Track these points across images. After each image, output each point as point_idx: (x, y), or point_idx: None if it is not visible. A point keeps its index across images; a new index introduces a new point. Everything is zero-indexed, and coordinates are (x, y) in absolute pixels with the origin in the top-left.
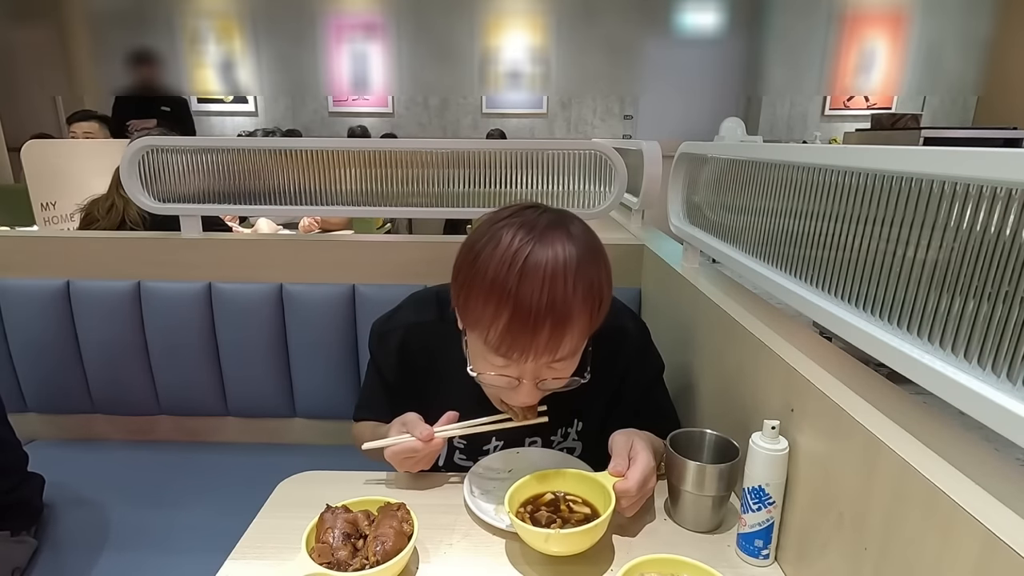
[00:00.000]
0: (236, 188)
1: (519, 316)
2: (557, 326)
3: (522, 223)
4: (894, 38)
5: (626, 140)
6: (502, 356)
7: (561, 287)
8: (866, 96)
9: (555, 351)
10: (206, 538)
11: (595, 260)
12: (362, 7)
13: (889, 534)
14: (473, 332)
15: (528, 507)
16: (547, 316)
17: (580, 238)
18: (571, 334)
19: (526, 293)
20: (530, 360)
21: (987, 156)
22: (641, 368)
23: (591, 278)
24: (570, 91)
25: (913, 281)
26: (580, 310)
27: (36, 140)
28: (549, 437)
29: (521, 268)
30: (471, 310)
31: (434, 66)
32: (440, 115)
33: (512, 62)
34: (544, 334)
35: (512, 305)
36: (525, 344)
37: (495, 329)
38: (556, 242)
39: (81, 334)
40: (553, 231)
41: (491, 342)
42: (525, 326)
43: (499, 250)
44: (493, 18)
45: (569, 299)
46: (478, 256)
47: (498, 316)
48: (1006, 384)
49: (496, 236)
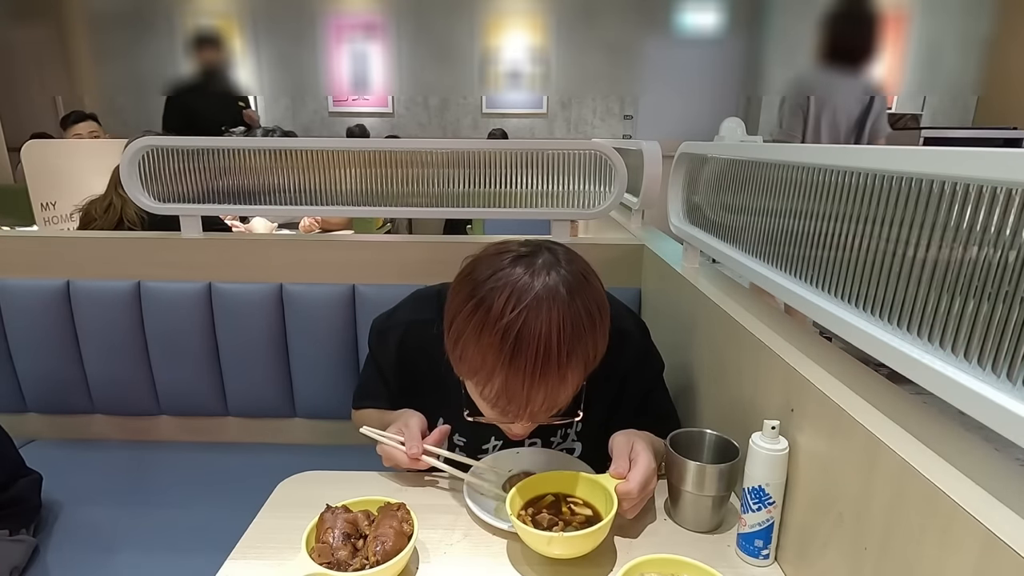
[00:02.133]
0: (236, 188)
1: (513, 382)
2: (552, 388)
3: (516, 281)
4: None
5: (626, 140)
6: (498, 411)
7: (555, 356)
8: None
9: (551, 406)
10: (206, 538)
11: (589, 315)
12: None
13: (889, 534)
14: (469, 382)
15: (529, 509)
16: (542, 381)
17: (575, 291)
18: (565, 391)
19: (519, 363)
20: (525, 415)
21: (987, 156)
22: (642, 369)
23: (584, 340)
24: (570, 91)
25: (913, 281)
26: (574, 371)
27: (36, 140)
28: (549, 438)
29: (515, 338)
30: (465, 365)
31: (434, 66)
32: (440, 115)
33: (512, 62)
34: (540, 395)
35: (506, 372)
36: (519, 405)
37: (490, 388)
38: (550, 307)
39: (81, 334)
40: (546, 288)
41: (487, 398)
42: (519, 390)
43: (492, 313)
44: (493, 18)
45: (563, 366)
46: (472, 314)
47: (493, 379)
48: (1006, 384)
49: (490, 296)
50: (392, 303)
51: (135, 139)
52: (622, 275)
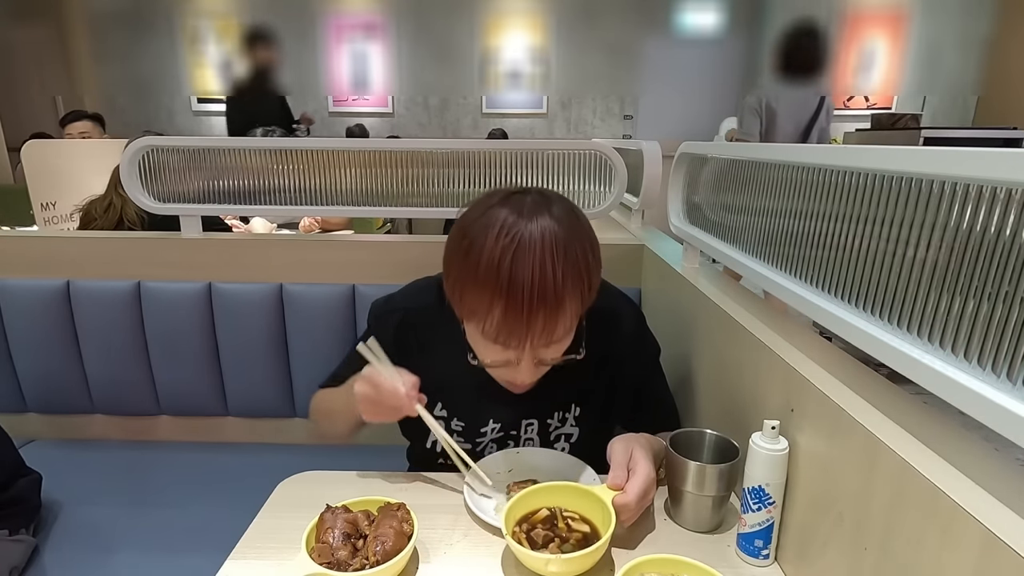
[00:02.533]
0: (236, 188)
1: (512, 311)
2: (550, 314)
3: (508, 215)
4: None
5: (626, 140)
6: (500, 345)
7: (551, 279)
8: (866, 96)
9: (550, 336)
10: (206, 538)
11: (581, 244)
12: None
13: (889, 534)
14: (470, 323)
15: (523, 525)
16: (539, 307)
17: (564, 222)
18: (563, 318)
19: (516, 288)
20: (527, 348)
21: (987, 156)
22: (637, 353)
23: (578, 265)
24: (570, 91)
25: (913, 281)
26: (571, 296)
27: (36, 140)
28: (546, 420)
29: (510, 265)
30: (466, 303)
31: (434, 66)
32: (440, 115)
33: (512, 62)
34: (538, 323)
35: (504, 302)
36: (520, 334)
37: (490, 321)
38: (544, 232)
39: (81, 334)
40: (537, 220)
41: (488, 332)
42: (519, 318)
43: (487, 244)
44: (493, 18)
45: (559, 288)
46: (468, 251)
47: (492, 309)
48: (1006, 384)
49: (484, 231)
50: None
51: (135, 139)
52: (622, 275)
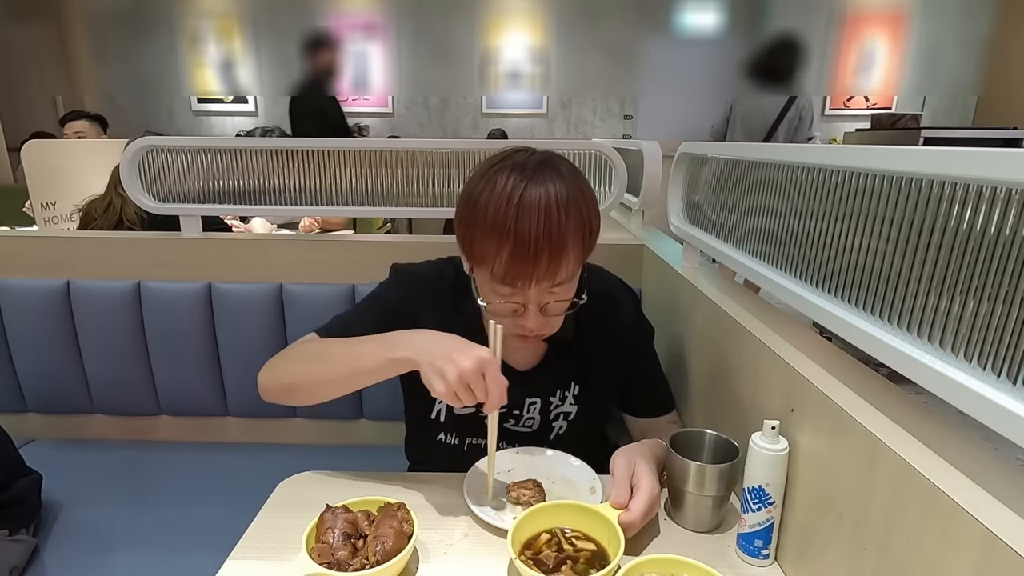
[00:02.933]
0: (236, 188)
1: (520, 248)
2: (554, 254)
3: (514, 165)
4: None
5: (626, 140)
6: (507, 285)
7: (556, 219)
8: (866, 96)
9: (554, 276)
10: (206, 538)
11: (582, 193)
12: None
13: (889, 534)
14: (479, 268)
15: (527, 552)
16: (544, 246)
17: (568, 174)
18: (567, 260)
19: (524, 227)
20: (532, 286)
21: (987, 156)
22: (633, 336)
23: (580, 209)
24: (570, 91)
25: (913, 281)
26: (573, 238)
27: (36, 140)
28: (548, 398)
29: (518, 205)
30: (476, 248)
31: (434, 66)
32: (440, 115)
33: (512, 62)
34: (543, 262)
35: (513, 240)
36: (527, 273)
37: (499, 262)
38: (547, 179)
39: (81, 334)
40: (543, 170)
41: (496, 274)
42: (526, 257)
43: (496, 192)
44: (493, 18)
45: (563, 229)
46: (477, 200)
47: (500, 250)
48: (1006, 384)
49: (492, 180)
50: None
51: (135, 139)
52: (622, 275)
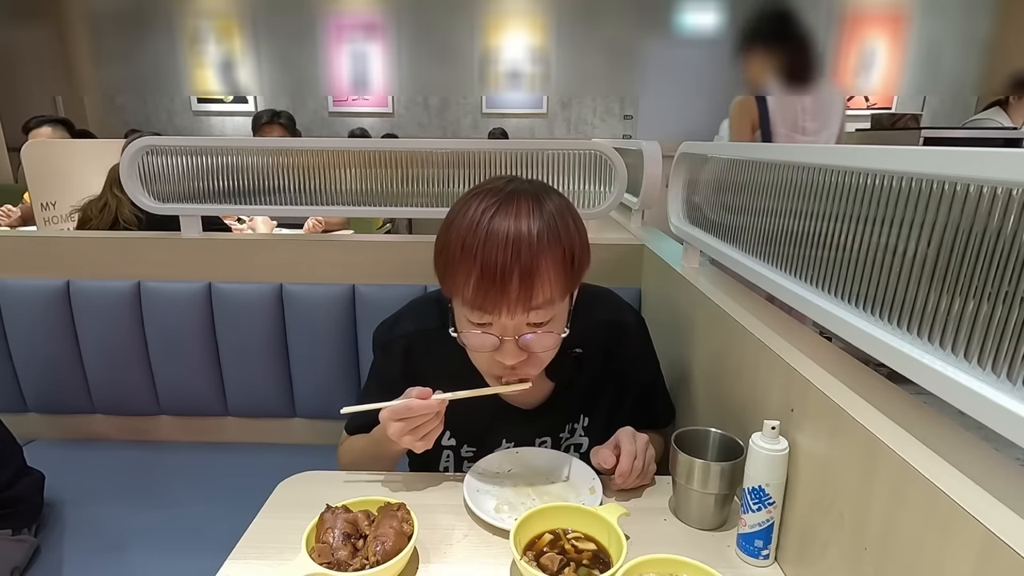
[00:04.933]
0: (236, 188)
1: (487, 271)
2: (525, 277)
3: (489, 190)
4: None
5: (626, 140)
6: (479, 310)
7: (525, 239)
8: (866, 96)
9: (528, 302)
10: (206, 538)
11: (561, 215)
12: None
13: (889, 534)
14: (454, 297)
15: (529, 552)
16: (513, 267)
17: (546, 198)
18: (541, 285)
19: (491, 248)
20: (505, 314)
21: (987, 156)
22: (642, 363)
23: (556, 230)
24: (570, 91)
25: (913, 281)
26: (548, 260)
27: (36, 140)
28: (558, 435)
29: (487, 227)
30: (448, 276)
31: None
32: (440, 115)
33: (512, 62)
34: (513, 286)
35: (480, 262)
36: (496, 298)
37: (468, 288)
38: (520, 201)
39: (81, 334)
40: (519, 194)
41: (467, 300)
42: (493, 280)
43: (467, 216)
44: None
45: (534, 249)
46: (451, 225)
47: (469, 275)
48: (1006, 384)
49: (466, 205)
50: (392, 303)
51: (134, 139)
52: (622, 275)
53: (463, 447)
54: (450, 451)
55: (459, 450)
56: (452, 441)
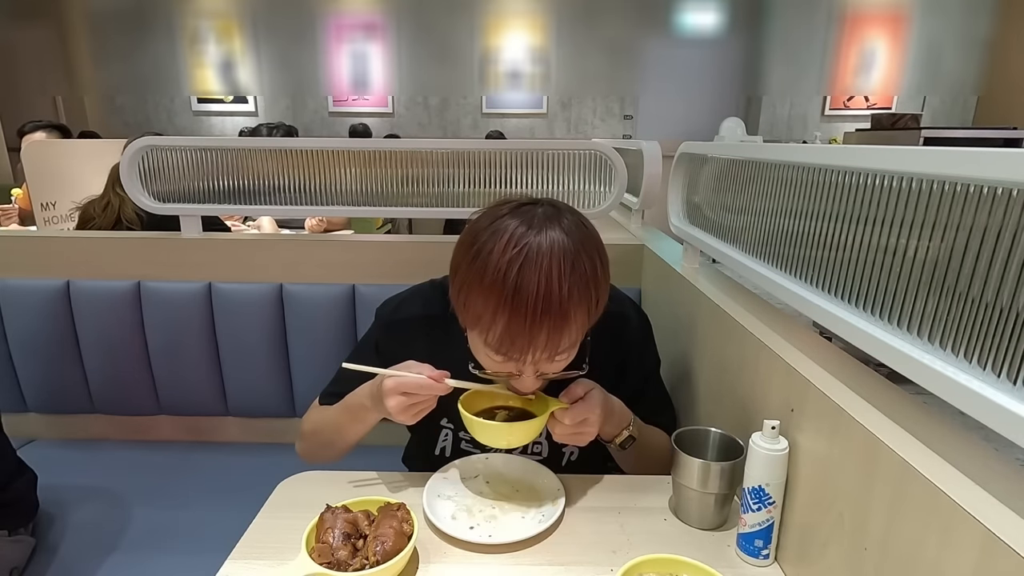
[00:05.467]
0: (236, 188)
1: (516, 321)
2: (555, 328)
3: (516, 227)
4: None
5: (626, 140)
6: (502, 356)
7: (556, 292)
8: (866, 96)
9: (554, 349)
10: (206, 538)
11: (590, 258)
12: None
13: (889, 534)
14: (473, 331)
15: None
16: (544, 319)
17: (574, 235)
18: (568, 332)
19: (522, 299)
20: (529, 360)
21: (987, 156)
22: (641, 359)
23: (586, 279)
24: (570, 91)
25: (913, 281)
26: (576, 310)
27: (36, 140)
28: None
29: (517, 275)
30: (470, 312)
31: (434, 66)
32: (440, 115)
33: (512, 62)
34: (542, 336)
35: (509, 311)
36: (523, 345)
37: (494, 332)
38: (551, 247)
39: (81, 334)
40: (546, 232)
41: (491, 343)
42: (522, 330)
43: (493, 258)
44: (493, 18)
45: (564, 302)
46: (475, 260)
47: (496, 320)
48: (1006, 384)
49: (492, 240)
50: None
51: (135, 139)
52: (622, 275)
53: (461, 430)
54: (449, 431)
55: (457, 432)
56: (451, 424)
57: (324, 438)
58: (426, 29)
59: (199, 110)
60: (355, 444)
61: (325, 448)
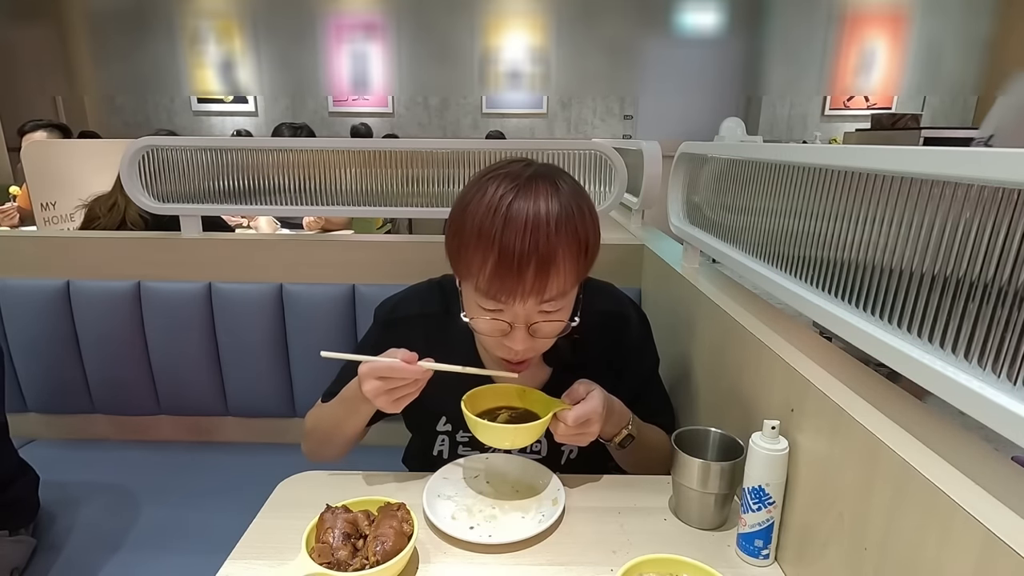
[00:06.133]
0: (236, 188)
1: (504, 259)
2: (542, 266)
3: (507, 173)
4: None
5: (626, 140)
6: (492, 299)
7: (544, 228)
8: (866, 96)
9: (542, 292)
10: (206, 538)
11: (578, 204)
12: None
13: (889, 534)
14: (465, 281)
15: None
16: (531, 257)
17: (565, 188)
18: (556, 274)
19: (510, 236)
20: (518, 302)
21: (987, 156)
22: (640, 359)
23: (574, 220)
24: (570, 91)
25: (913, 281)
26: (565, 250)
27: (36, 140)
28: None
29: (505, 213)
30: (462, 259)
31: (434, 66)
32: (440, 115)
33: (512, 62)
34: (530, 275)
35: (497, 249)
36: (512, 286)
37: (483, 274)
38: (539, 188)
39: (81, 334)
40: (537, 179)
41: (481, 287)
42: (511, 268)
43: (485, 199)
44: (493, 18)
45: (552, 240)
46: (466, 207)
47: (485, 261)
48: (1006, 384)
49: (483, 187)
50: None
51: (147, 136)
52: (622, 275)
53: (458, 432)
54: (445, 436)
55: (454, 435)
56: (448, 427)
57: (324, 433)
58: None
59: (199, 110)
60: (355, 439)
61: (325, 443)
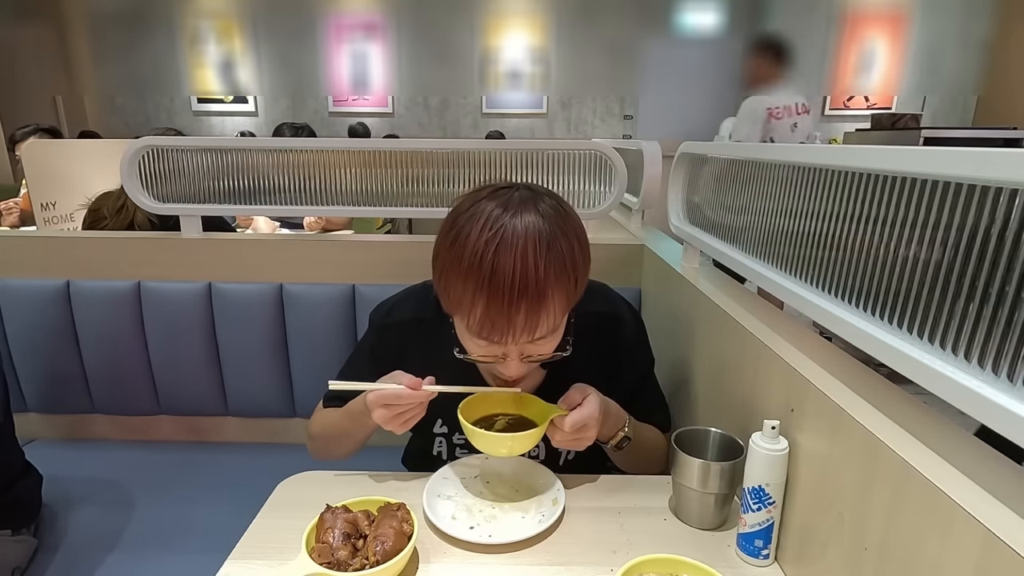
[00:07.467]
0: (236, 188)
1: (494, 303)
2: (532, 308)
3: (493, 210)
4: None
5: (626, 140)
6: (484, 339)
7: (532, 272)
8: (866, 96)
9: (533, 331)
10: (206, 538)
11: (567, 240)
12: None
13: (889, 534)
14: (455, 316)
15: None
16: (521, 301)
17: (551, 217)
18: (547, 313)
19: (498, 281)
20: (510, 341)
21: (987, 156)
22: (635, 360)
23: (563, 259)
24: (570, 91)
25: (913, 281)
26: (555, 290)
27: (36, 140)
28: None
29: (493, 257)
30: (451, 296)
31: (434, 66)
32: (440, 115)
33: (512, 62)
34: (520, 317)
35: (487, 294)
36: (503, 327)
37: (474, 316)
38: (526, 228)
39: (81, 334)
40: (523, 215)
41: (472, 328)
42: (501, 313)
43: (471, 240)
44: (493, 18)
45: (541, 282)
46: (452, 244)
47: (475, 304)
48: (1006, 384)
49: (469, 224)
50: None
51: (149, 135)
52: (622, 275)
53: (455, 435)
54: (443, 438)
55: (451, 437)
56: (444, 429)
57: (331, 440)
58: (426, 29)
59: (199, 110)
60: (364, 442)
61: (333, 447)
